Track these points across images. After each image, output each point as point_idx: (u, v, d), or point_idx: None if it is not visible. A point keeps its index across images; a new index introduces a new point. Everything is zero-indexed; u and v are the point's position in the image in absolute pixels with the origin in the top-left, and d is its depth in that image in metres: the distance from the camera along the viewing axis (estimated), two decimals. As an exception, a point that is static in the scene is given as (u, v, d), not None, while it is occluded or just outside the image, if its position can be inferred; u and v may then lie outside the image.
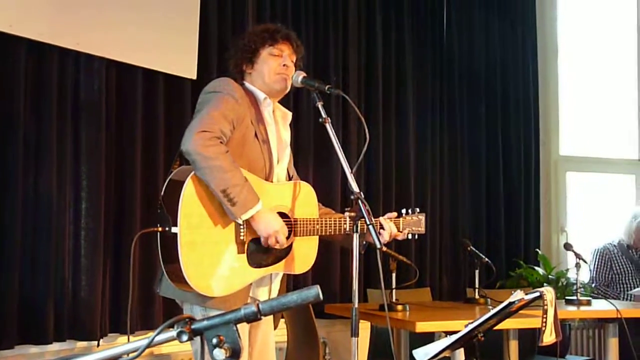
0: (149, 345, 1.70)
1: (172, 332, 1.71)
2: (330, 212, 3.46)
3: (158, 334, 1.70)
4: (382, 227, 3.34)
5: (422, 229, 3.61)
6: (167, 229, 2.92)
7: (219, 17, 5.17)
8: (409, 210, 3.56)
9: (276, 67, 3.27)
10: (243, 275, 3.05)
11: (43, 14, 4.23)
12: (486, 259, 5.02)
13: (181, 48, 4.87)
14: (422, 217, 3.61)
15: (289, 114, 3.44)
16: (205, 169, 2.90)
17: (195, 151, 2.91)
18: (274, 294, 3.28)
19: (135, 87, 4.73)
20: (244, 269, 3.04)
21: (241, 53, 3.29)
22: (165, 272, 3.00)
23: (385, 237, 3.34)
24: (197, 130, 2.94)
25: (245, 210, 2.94)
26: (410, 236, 3.57)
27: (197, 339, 1.73)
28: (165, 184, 3.04)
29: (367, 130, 3.18)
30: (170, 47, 4.81)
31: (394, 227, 3.40)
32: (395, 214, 3.49)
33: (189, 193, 2.93)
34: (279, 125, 3.35)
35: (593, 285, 6.25)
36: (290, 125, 3.50)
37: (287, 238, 3.14)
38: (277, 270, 3.20)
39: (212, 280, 2.96)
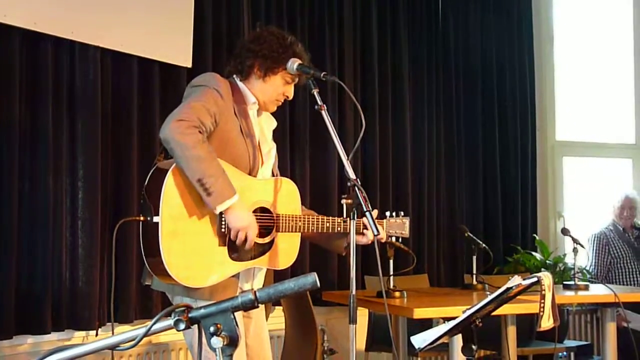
0: (146, 334, 1.70)
1: (170, 321, 1.71)
2: (312, 214, 3.42)
3: (155, 322, 1.71)
4: (365, 227, 3.28)
5: (405, 233, 3.59)
6: (148, 218, 2.92)
7: (214, 5, 5.15)
8: (393, 213, 3.55)
9: (279, 95, 3.27)
10: (223, 268, 3.03)
11: (37, 3, 4.22)
12: (484, 245, 5.02)
13: (176, 36, 4.86)
14: (407, 220, 3.58)
15: (274, 123, 3.42)
16: (182, 157, 2.88)
17: (172, 139, 2.89)
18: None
19: (131, 76, 4.72)
20: (224, 261, 3.03)
21: (263, 59, 3.22)
22: (147, 265, 3.00)
23: (369, 238, 3.28)
24: (175, 119, 2.92)
25: (222, 201, 2.91)
26: (393, 239, 3.57)
27: (190, 330, 1.73)
28: (150, 174, 3.02)
29: (363, 116, 3.17)
30: (165, 36, 4.80)
31: (379, 227, 3.36)
32: (375, 212, 3.44)
33: (171, 183, 2.92)
34: (263, 127, 3.33)
35: (594, 271, 6.26)
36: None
37: (269, 234, 3.15)
38: (258, 265, 3.18)
39: (191, 270, 2.95)
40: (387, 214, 3.54)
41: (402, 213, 3.58)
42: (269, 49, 3.23)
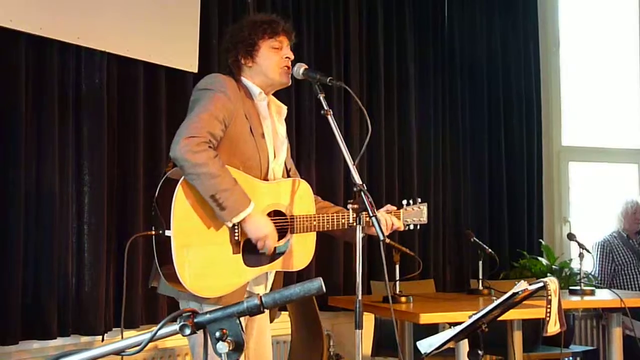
0: (152, 339, 1.70)
1: (175, 326, 1.71)
2: (328, 206, 3.42)
3: (161, 327, 1.70)
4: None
5: (424, 219, 3.55)
6: (161, 232, 2.91)
7: (220, 10, 5.16)
8: (410, 201, 3.51)
9: (279, 61, 3.22)
10: (239, 275, 3.03)
11: (43, 8, 4.22)
12: (490, 250, 5.02)
13: (182, 41, 4.86)
14: (424, 207, 3.55)
15: (284, 108, 3.39)
16: (193, 175, 2.88)
17: (183, 158, 2.88)
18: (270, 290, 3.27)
19: (137, 81, 4.72)
20: (240, 268, 3.03)
21: (241, 46, 3.22)
22: (161, 274, 2.99)
23: (384, 229, 3.29)
24: (185, 136, 2.91)
25: (236, 214, 2.92)
26: (412, 227, 3.52)
27: (194, 334, 1.72)
28: (159, 186, 3.01)
29: (369, 122, 3.17)
30: (171, 41, 4.80)
31: (395, 219, 3.36)
32: (394, 207, 3.44)
33: (181, 196, 2.90)
34: (274, 119, 3.31)
35: (599, 278, 6.25)
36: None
37: (284, 236, 3.14)
38: (275, 268, 3.18)
39: (208, 282, 2.95)
40: (404, 202, 3.50)
41: (419, 200, 3.53)
42: (233, 37, 3.25)
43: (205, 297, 2.96)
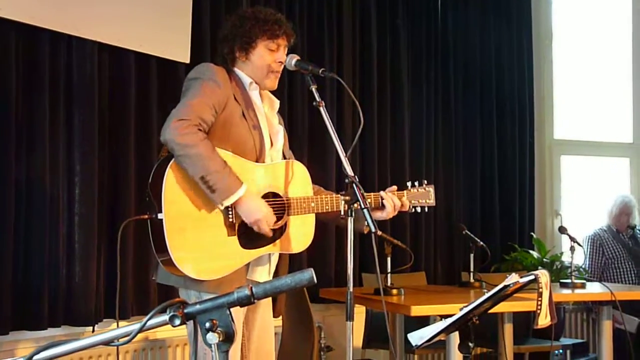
0: (141, 330, 1.69)
1: (165, 317, 1.70)
2: (330, 194, 3.40)
3: (150, 318, 1.69)
4: (383, 205, 3.30)
5: (431, 201, 3.49)
6: (154, 216, 2.90)
7: (212, 1, 5.13)
8: (415, 183, 3.46)
9: (272, 64, 3.22)
10: (235, 257, 3.02)
11: (34, -3, 4.20)
12: (481, 243, 5.02)
13: (174, 32, 4.84)
14: (431, 188, 3.49)
15: (277, 102, 3.39)
16: (183, 157, 2.88)
17: (172, 140, 2.89)
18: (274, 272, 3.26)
19: (128, 71, 4.70)
20: (236, 251, 3.02)
21: (238, 39, 3.21)
22: (158, 259, 2.98)
23: (389, 211, 3.29)
24: (175, 119, 2.92)
25: (227, 197, 2.91)
26: (419, 209, 3.47)
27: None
28: (152, 171, 3.00)
29: (361, 113, 3.16)
30: (163, 31, 4.78)
31: (397, 200, 3.34)
32: (395, 187, 3.41)
33: (171, 179, 2.90)
34: (267, 110, 3.31)
35: (590, 271, 6.27)
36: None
37: (281, 218, 3.12)
38: (273, 251, 3.16)
39: (203, 264, 2.94)
40: (409, 184, 3.46)
41: (425, 181, 3.49)
42: (233, 28, 3.23)
43: (203, 281, 2.95)
